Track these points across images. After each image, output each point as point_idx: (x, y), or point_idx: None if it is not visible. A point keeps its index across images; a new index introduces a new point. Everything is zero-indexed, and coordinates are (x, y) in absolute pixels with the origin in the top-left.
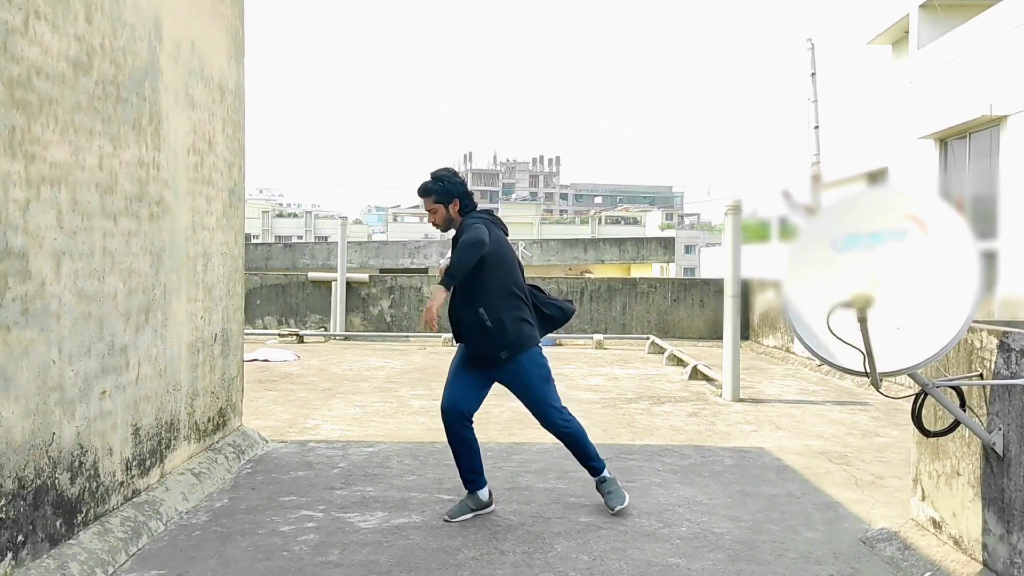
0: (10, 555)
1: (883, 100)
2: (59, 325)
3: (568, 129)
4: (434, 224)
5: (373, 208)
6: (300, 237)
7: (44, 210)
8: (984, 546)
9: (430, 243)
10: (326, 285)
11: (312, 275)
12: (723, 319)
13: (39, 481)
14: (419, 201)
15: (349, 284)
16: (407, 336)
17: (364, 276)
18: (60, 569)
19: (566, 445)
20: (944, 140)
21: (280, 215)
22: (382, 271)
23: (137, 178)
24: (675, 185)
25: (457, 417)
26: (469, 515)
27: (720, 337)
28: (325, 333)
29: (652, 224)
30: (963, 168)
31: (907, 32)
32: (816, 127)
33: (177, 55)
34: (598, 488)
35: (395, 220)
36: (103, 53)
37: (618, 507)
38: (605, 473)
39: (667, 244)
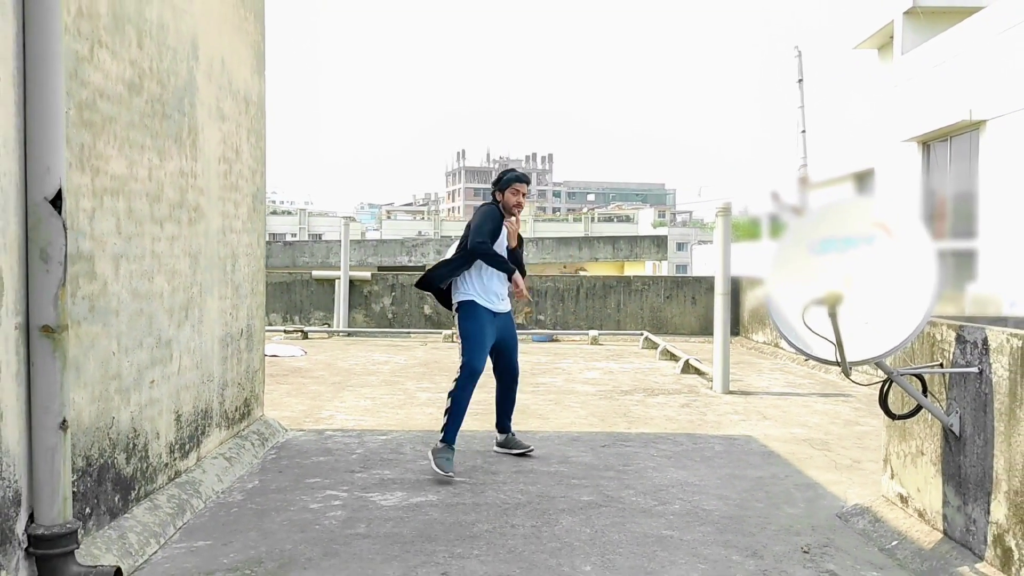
0: (80, 524)
1: (869, 104)
2: (118, 321)
3: (561, 127)
4: (522, 208)
5: (366, 206)
6: (294, 235)
7: (106, 218)
8: (944, 517)
9: (427, 241)
10: (329, 283)
11: (316, 273)
12: (714, 316)
13: (102, 460)
14: (411, 198)
15: (352, 282)
16: (408, 332)
17: (366, 274)
18: (121, 539)
19: (509, 388)
20: (927, 143)
21: (274, 212)
22: (380, 268)
23: (178, 187)
24: (667, 183)
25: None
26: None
27: (711, 333)
28: (329, 329)
29: (645, 222)
30: (945, 170)
31: (892, 38)
32: (803, 131)
33: (210, 72)
34: (508, 443)
35: (389, 218)
36: (151, 75)
37: (524, 449)
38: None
39: (660, 242)
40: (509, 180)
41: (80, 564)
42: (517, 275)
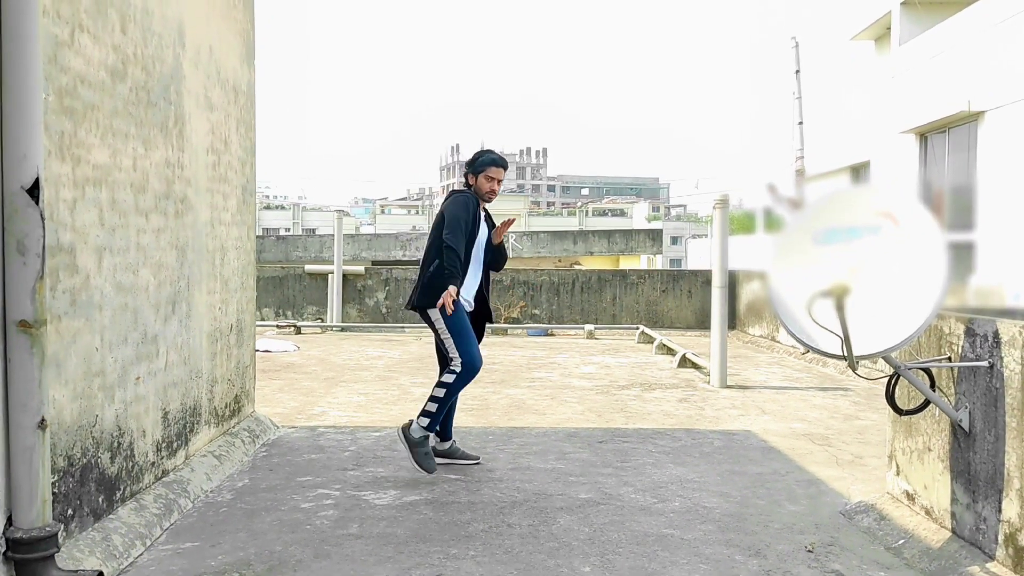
0: (61, 527)
1: (866, 95)
2: (101, 315)
3: (555, 121)
4: (495, 192)
5: (360, 200)
6: (288, 229)
7: (88, 209)
8: (952, 515)
9: (421, 235)
10: (322, 277)
11: (309, 267)
12: (711, 309)
13: (85, 460)
14: (406, 193)
15: (345, 276)
16: (403, 327)
17: (360, 268)
18: (104, 541)
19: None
20: (924, 135)
21: (268, 207)
22: (374, 263)
23: (165, 177)
24: (661, 176)
25: None
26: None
27: (707, 326)
28: (322, 324)
29: (639, 216)
30: (942, 162)
31: (889, 28)
32: (800, 123)
33: (197, 60)
34: (452, 452)
35: (383, 212)
36: (135, 61)
37: (472, 460)
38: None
39: (655, 236)
40: (484, 163)
41: (61, 568)
42: (446, 292)
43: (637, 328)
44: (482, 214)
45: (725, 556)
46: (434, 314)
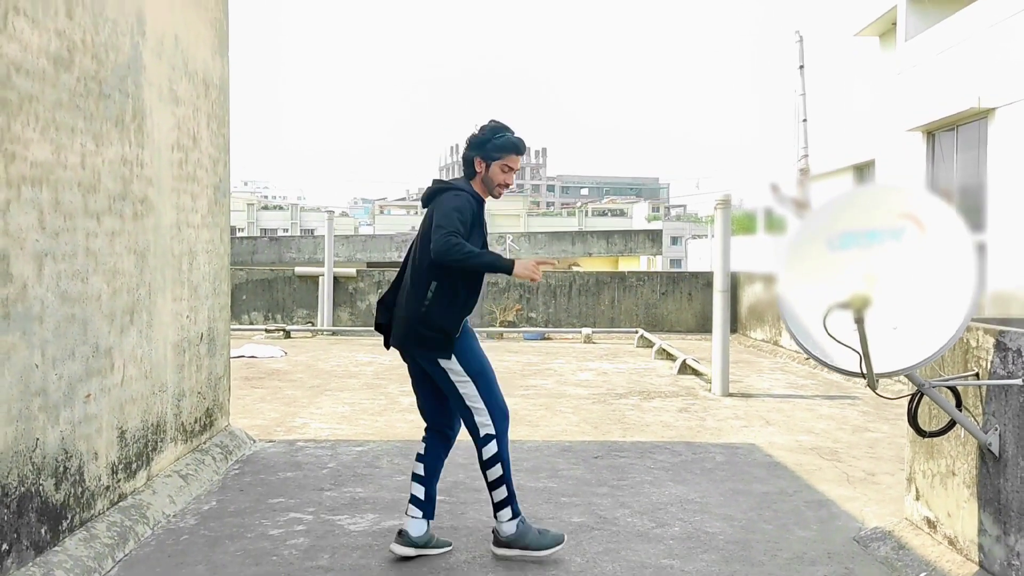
0: None
1: (871, 92)
2: (42, 328)
3: (554, 120)
4: (509, 185)
5: (359, 200)
6: (286, 230)
7: (25, 211)
8: (980, 547)
9: None
10: (313, 280)
11: (299, 270)
12: (712, 312)
13: (23, 488)
14: (405, 193)
15: (336, 278)
16: None
17: (351, 270)
18: None
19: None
20: (932, 132)
21: (265, 208)
22: (369, 265)
23: (120, 176)
24: (661, 177)
25: None
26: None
27: (708, 330)
28: (312, 328)
29: (639, 216)
30: (951, 160)
31: (895, 24)
32: (804, 120)
33: (160, 50)
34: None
35: (381, 213)
36: (84, 49)
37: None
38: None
39: (654, 236)
40: (502, 147)
41: None
42: (520, 262)
43: (636, 332)
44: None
45: None
46: (448, 363)
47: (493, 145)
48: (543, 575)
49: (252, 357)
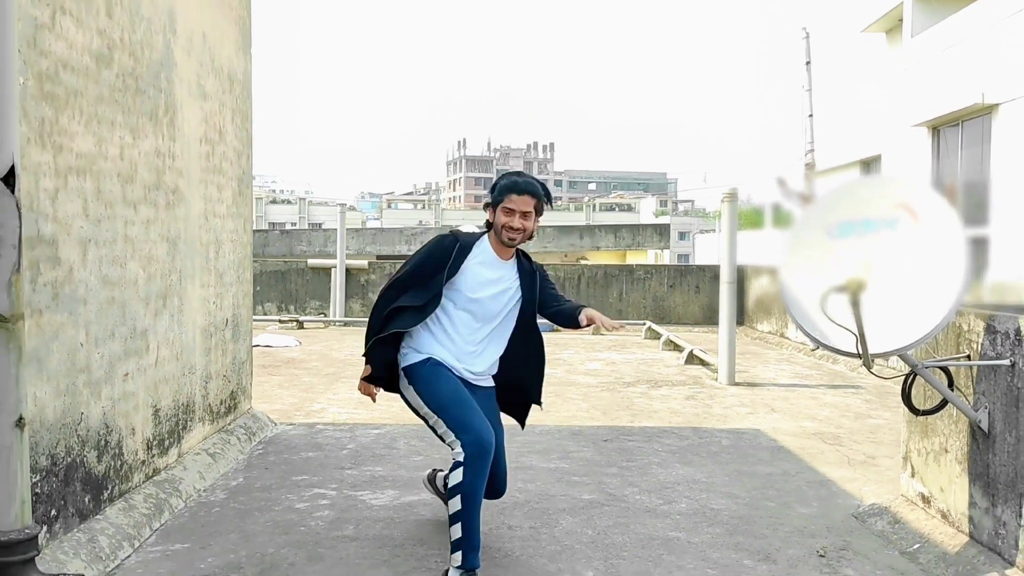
0: (44, 528)
1: (877, 88)
2: (86, 309)
3: (562, 115)
4: (519, 230)
5: (367, 194)
6: (294, 224)
7: (71, 199)
8: (970, 519)
9: (427, 230)
10: (325, 271)
11: (312, 262)
12: (719, 305)
13: (69, 459)
14: (412, 188)
15: (348, 271)
16: None
17: (363, 263)
18: (90, 543)
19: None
20: (937, 128)
21: (274, 201)
22: (379, 257)
23: (154, 167)
24: (669, 171)
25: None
26: None
27: (715, 322)
28: (325, 319)
29: (646, 211)
30: (955, 155)
31: (901, 20)
32: (810, 115)
33: (190, 47)
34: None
35: (389, 207)
36: (122, 46)
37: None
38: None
39: (662, 231)
40: (502, 188)
41: (42, 572)
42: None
43: (644, 324)
44: (501, 264)
45: (733, 561)
46: (404, 392)
47: (497, 190)
48: (558, 546)
49: (267, 347)
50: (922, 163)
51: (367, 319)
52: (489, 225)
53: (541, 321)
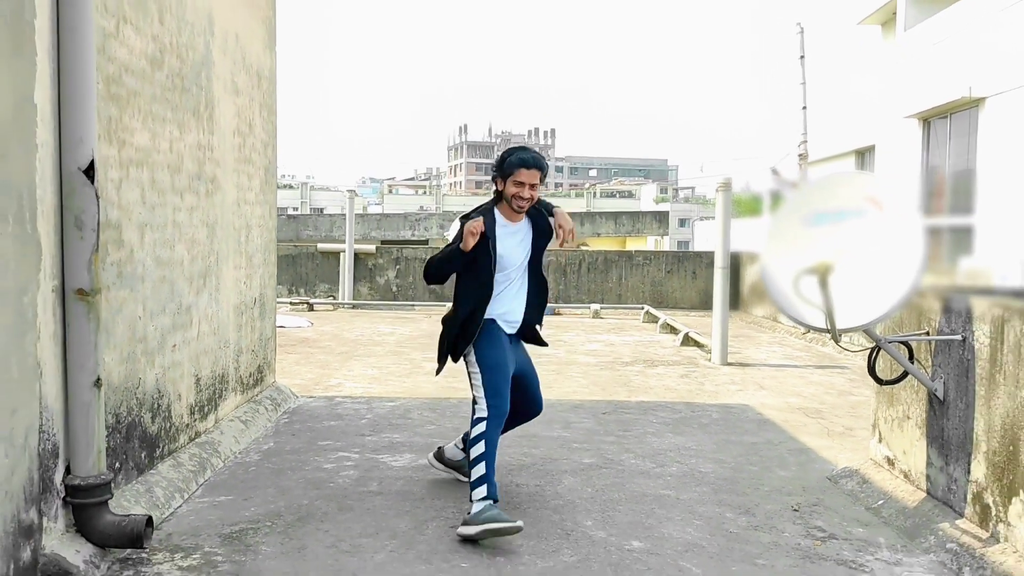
0: (112, 476)
1: (873, 80)
2: (143, 287)
3: (564, 102)
4: (527, 199)
5: (368, 180)
6: (296, 208)
7: (132, 188)
8: (927, 477)
9: (430, 216)
10: (334, 256)
11: (321, 246)
12: (713, 289)
13: (130, 418)
14: (413, 173)
15: (356, 255)
16: (412, 305)
17: (371, 247)
18: (148, 493)
19: (519, 422)
20: (927, 119)
21: (276, 187)
22: (384, 243)
23: (196, 159)
24: (670, 159)
25: None
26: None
27: (711, 307)
28: (334, 302)
29: (647, 197)
30: (944, 146)
31: (896, 13)
32: (804, 108)
33: (225, 47)
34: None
35: (390, 192)
36: (171, 49)
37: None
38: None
39: (661, 218)
40: (511, 164)
41: (113, 513)
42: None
43: (642, 308)
44: (514, 227)
45: (716, 514)
46: (468, 350)
47: (506, 164)
48: (561, 501)
49: (281, 327)
50: (913, 153)
51: (374, 301)
52: (497, 194)
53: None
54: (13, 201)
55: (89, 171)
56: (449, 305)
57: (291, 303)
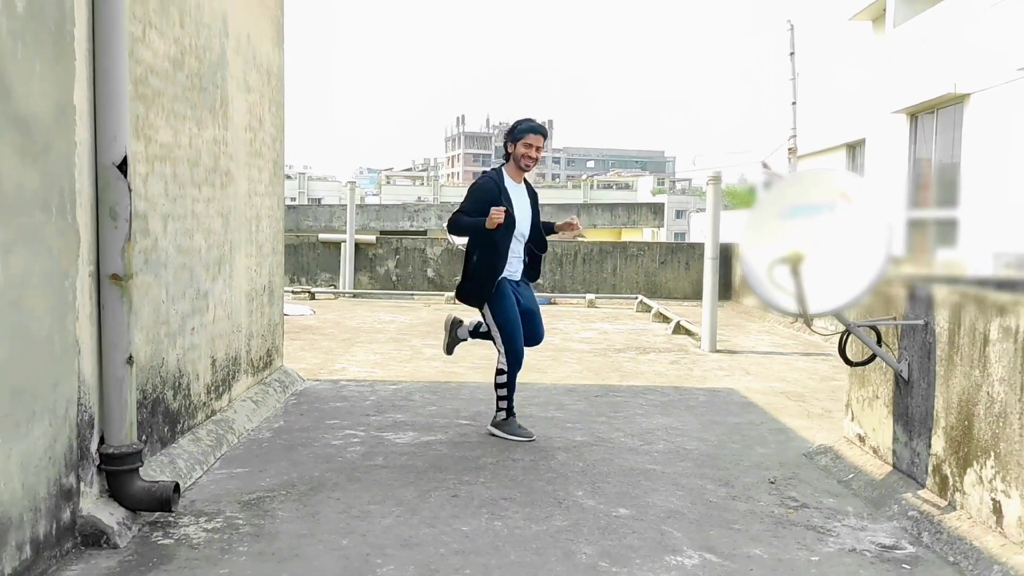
0: (143, 446)
1: (864, 75)
2: (166, 273)
3: (561, 93)
4: (534, 159)
5: (365, 170)
6: (293, 199)
7: (156, 181)
8: (893, 452)
9: (428, 207)
10: (335, 245)
11: (322, 236)
12: (703, 279)
13: (155, 395)
14: (411, 164)
15: (357, 245)
16: (412, 294)
17: (371, 237)
18: (171, 464)
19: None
20: (915, 115)
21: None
22: (383, 233)
23: (213, 153)
24: (667, 150)
25: None
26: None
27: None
28: (335, 291)
29: (644, 189)
30: (931, 141)
31: (886, 10)
32: (794, 103)
33: (238, 47)
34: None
35: (388, 183)
36: (191, 51)
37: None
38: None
39: (657, 210)
40: (523, 130)
41: (143, 480)
42: (489, 217)
43: (636, 298)
44: (518, 188)
45: (698, 486)
46: (484, 309)
47: (517, 130)
48: (554, 473)
49: (285, 315)
50: (901, 147)
51: (381, 290)
52: (507, 157)
53: (541, 294)
54: (55, 194)
55: (122, 166)
56: (448, 294)
57: (293, 292)
